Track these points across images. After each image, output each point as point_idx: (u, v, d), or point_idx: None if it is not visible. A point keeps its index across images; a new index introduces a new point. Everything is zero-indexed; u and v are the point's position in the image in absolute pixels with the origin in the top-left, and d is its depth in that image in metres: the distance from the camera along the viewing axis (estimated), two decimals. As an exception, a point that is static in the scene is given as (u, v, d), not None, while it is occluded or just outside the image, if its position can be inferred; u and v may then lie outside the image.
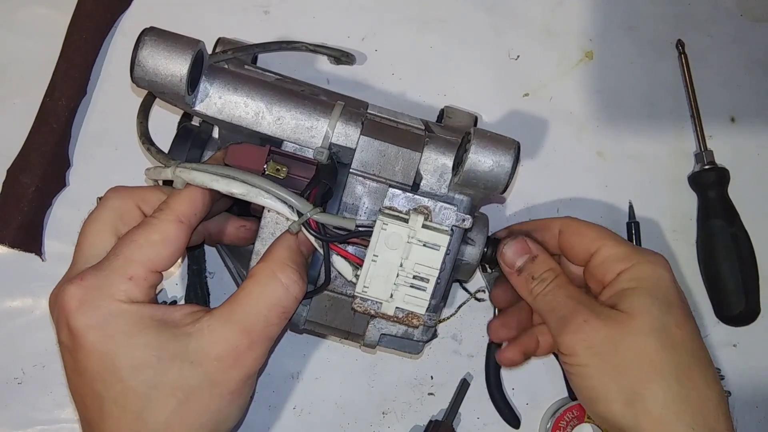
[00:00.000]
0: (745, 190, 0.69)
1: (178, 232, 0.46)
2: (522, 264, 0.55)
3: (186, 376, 0.44)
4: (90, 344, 0.43)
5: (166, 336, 0.44)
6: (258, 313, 0.46)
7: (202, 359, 0.44)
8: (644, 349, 0.49)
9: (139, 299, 0.45)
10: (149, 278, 0.45)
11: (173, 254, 0.46)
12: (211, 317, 0.45)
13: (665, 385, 0.48)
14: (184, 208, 0.47)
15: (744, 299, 0.65)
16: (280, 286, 0.46)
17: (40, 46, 0.64)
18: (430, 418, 0.64)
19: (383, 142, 0.52)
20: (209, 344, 0.44)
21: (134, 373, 0.43)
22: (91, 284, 0.44)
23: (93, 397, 0.44)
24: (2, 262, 0.63)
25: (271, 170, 0.48)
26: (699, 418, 0.47)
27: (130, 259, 0.45)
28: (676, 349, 0.49)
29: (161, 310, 0.45)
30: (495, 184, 0.50)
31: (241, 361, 0.45)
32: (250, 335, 0.45)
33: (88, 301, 0.43)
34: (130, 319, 0.44)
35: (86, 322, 0.43)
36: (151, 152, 0.52)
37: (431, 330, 0.55)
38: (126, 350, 0.43)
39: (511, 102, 0.69)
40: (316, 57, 0.67)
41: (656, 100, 0.70)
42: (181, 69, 0.47)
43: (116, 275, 0.44)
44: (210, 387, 0.45)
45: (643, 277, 0.52)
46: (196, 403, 0.44)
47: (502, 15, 0.70)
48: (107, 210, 0.48)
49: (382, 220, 0.49)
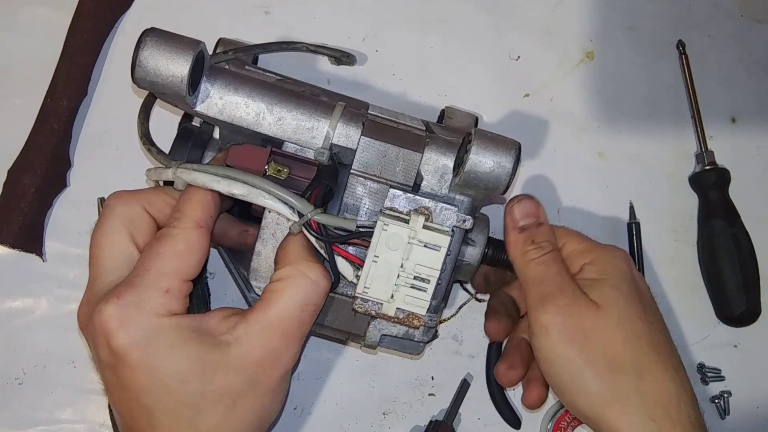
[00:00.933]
0: (746, 190, 0.69)
1: (201, 238, 0.47)
2: (526, 224, 0.55)
3: (231, 382, 0.45)
4: (135, 361, 0.44)
5: (207, 346, 0.45)
6: (292, 314, 0.47)
7: (244, 365, 0.45)
8: (610, 341, 0.50)
9: (176, 311, 0.45)
10: (183, 288, 0.46)
11: (200, 261, 0.47)
12: (247, 324, 0.46)
13: (625, 379, 0.49)
14: (199, 213, 0.47)
15: (745, 300, 0.65)
16: (311, 283, 0.47)
17: (40, 47, 0.64)
18: (430, 419, 0.64)
19: (384, 142, 0.52)
20: (250, 350, 0.46)
21: (182, 384, 0.44)
22: (128, 301, 0.44)
23: (141, 410, 0.45)
24: (3, 262, 0.63)
25: (272, 171, 0.48)
26: (659, 410, 0.49)
27: (163, 271, 0.45)
28: (638, 341, 0.51)
29: (197, 319, 0.46)
30: (496, 185, 0.50)
31: (279, 360, 0.47)
32: (287, 336, 0.47)
33: (128, 319, 0.44)
34: (171, 332, 0.44)
35: (129, 340, 0.43)
36: (151, 153, 0.52)
37: (432, 331, 0.55)
38: (171, 364, 0.44)
39: (511, 102, 0.69)
40: (316, 57, 0.67)
41: (657, 100, 0.70)
42: (182, 69, 0.47)
43: (153, 290, 0.44)
44: (253, 389, 0.46)
45: (604, 269, 0.53)
46: (243, 405, 0.46)
47: (503, 15, 0.70)
48: (116, 218, 0.48)
49: (383, 220, 0.49)
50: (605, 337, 0.50)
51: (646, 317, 0.52)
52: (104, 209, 0.49)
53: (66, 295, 0.63)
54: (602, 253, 0.54)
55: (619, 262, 0.54)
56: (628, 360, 0.50)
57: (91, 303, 0.46)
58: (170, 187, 0.50)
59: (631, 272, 0.54)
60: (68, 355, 0.62)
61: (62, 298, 0.63)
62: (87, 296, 0.47)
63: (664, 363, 0.51)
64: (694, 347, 0.67)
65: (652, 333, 0.51)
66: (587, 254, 0.54)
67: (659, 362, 0.51)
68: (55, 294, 0.63)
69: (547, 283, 0.52)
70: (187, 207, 0.47)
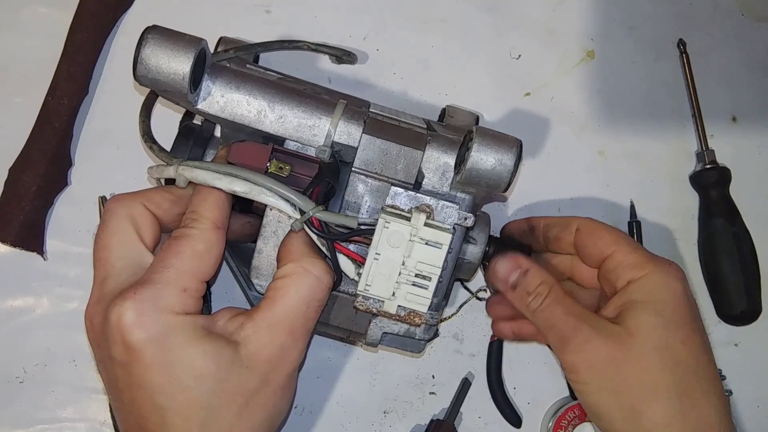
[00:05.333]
0: (747, 189, 0.69)
1: (219, 239, 0.47)
2: (515, 279, 0.54)
3: (244, 381, 0.45)
4: (149, 357, 0.43)
5: (220, 344, 0.45)
6: (298, 311, 0.47)
7: (255, 363, 0.46)
8: (645, 368, 0.49)
9: (192, 310, 0.45)
10: (200, 289, 0.46)
11: (217, 262, 0.47)
12: (254, 323, 0.46)
13: (665, 405, 0.48)
14: (216, 214, 0.47)
15: (745, 298, 0.65)
16: (314, 280, 0.47)
17: (42, 45, 0.64)
18: (431, 418, 0.64)
19: (385, 140, 0.52)
20: (259, 348, 0.46)
21: (197, 383, 0.44)
22: (145, 297, 0.44)
23: (153, 409, 0.44)
24: (4, 261, 0.63)
25: (274, 169, 0.48)
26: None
27: (182, 270, 0.45)
28: (678, 367, 0.49)
29: (208, 320, 0.46)
30: (497, 183, 0.50)
31: (288, 357, 0.47)
32: (294, 333, 0.47)
33: (144, 315, 0.43)
34: (187, 330, 0.44)
35: (145, 335, 0.43)
36: (153, 151, 0.52)
37: (433, 329, 0.55)
38: (187, 361, 0.44)
39: (512, 101, 0.69)
40: (317, 56, 0.67)
41: (657, 99, 0.71)
42: (183, 67, 0.47)
43: (171, 288, 0.45)
44: (265, 387, 0.46)
45: (652, 290, 0.51)
46: (255, 404, 0.46)
47: (504, 14, 0.70)
48: (120, 219, 0.48)
49: (385, 218, 0.49)
50: (639, 365, 0.48)
51: (690, 342, 0.50)
52: (105, 213, 0.48)
53: (67, 293, 0.63)
54: (654, 270, 0.51)
55: (673, 281, 0.51)
56: (665, 386, 0.48)
57: (102, 302, 0.45)
58: (172, 186, 0.50)
59: (684, 294, 0.51)
60: (69, 354, 0.62)
61: (63, 296, 0.63)
62: (96, 297, 0.47)
63: (706, 389, 0.49)
64: (695, 346, 0.67)
65: (695, 358, 0.49)
66: (637, 269, 0.51)
67: (700, 388, 0.49)
68: (56, 292, 0.63)
69: (559, 327, 0.51)
70: (204, 208, 0.47)
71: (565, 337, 0.50)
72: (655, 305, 0.50)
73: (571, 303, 0.52)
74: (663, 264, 0.52)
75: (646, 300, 0.50)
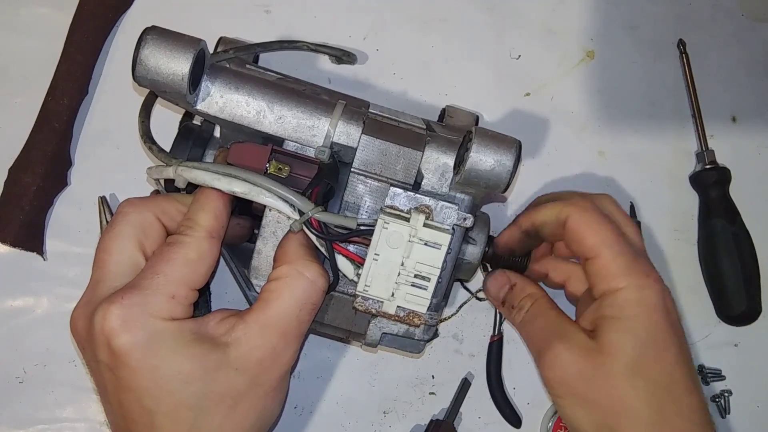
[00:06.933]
0: (747, 189, 0.69)
1: (212, 249, 0.47)
2: (504, 295, 0.56)
3: (233, 383, 0.45)
4: (135, 362, 0.43)
5: (208, 347, 0.45)
6: (291, 313, 0.47)
7: (245, 365, 0.46)
8: (615, 387, 0.48)
9: (180, 317, 0.45)
10: (189, 296, 0.46)
11: (209, 271, 0.47)
12: (245, 325, 0.46)
13: (636, 423, 0.48)
14: (212, 223, 0.47)
15: (745, 299, 0.65)
16: (308, 283, 0.47)
17: (41, 46, 0.64)
18: (431, 418, 0.64)
19: (385, 141, 0.52)
20: (249, 351, 0.46)
21: (184, 386, 0.44)
22: (133, 302, 0.44)
23: (141, 412, 0.44)
24: (3, 261, 0.63)
25: (273, 169, 0.48)
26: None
27: (172, 278, 0.45)
28: (649, 386, 0.48)
29: (197, 323, 0.46)
30: (496, 183, 0.50)
31: (279, 360, 0.47)
32: (286, 336, 0.47)
33: (131, 320, 0.43)
34: (173, 335, 0.44)
35: (131, 339, 0.43)
36: (152, 151, 0.52)
37: (432, 329, 0.55)
38: (173, 365, 0.44)
39: (512, 101, 0.69)
40: (317, 56, 0.67)
41: (657, 99, 0.70)
42: (182, 68, 0.47)
43: (159, 294, 0.45)
44: (254, 389, 0.46)
45: (624, 306, 0.49)
46: (244, 406, 0.46)
47: (503, 14, 0.70)
48: (128, 225, 0.48)
49: (384, 219, 0.49)
50: (609, 383, 0.48)
51: (663, 360, 0.49)
52: (116, 215, 0.48)
53: (67, 293, 0.63)
54: (629, 285, 0.49)
55: (648, 296, 0.49)
56: (636, 405, 0.48)
57: (90, 305, 0.45)
58: (183, 195, 0.50)
59: (658, 308, 0.49)
60: (69, 354, 0.62)
61: (63, 296, 0.63)
62: (86, 299, 0.47)
63: (679, 406, 0.49)
64: (695, 346, 0.67)
65: (669, 375, 0.49)
66: (615, 281, 0.50)
67: (674, 405, 0.48)
68: (55, 293, 0.63)
69: (536, 341, 0.52)
70: (200, 216, 0.47)
71: (539, 351, 0.51)
72: (627, 322, 0.49)
73: (553, 316, 0.52)
74: (639, 277, 0.50)
75: (618, 316, 0.49)
